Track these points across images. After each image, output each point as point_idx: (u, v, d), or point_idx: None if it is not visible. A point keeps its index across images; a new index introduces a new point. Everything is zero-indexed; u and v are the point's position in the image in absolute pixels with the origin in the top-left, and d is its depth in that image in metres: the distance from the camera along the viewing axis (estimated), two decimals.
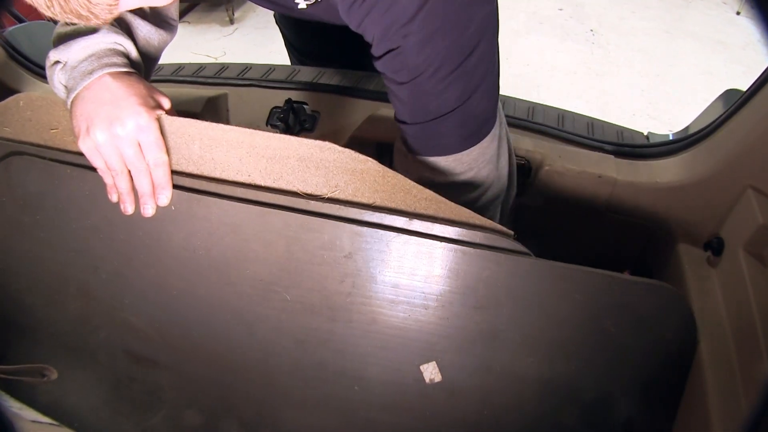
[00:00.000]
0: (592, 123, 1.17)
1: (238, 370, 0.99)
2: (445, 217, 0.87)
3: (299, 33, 1.56)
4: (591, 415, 0.90)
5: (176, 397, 1.02)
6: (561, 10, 3.92)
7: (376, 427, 0.95)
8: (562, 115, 1.19)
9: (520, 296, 0.89)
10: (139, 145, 0.87)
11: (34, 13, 1.00)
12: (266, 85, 1.32)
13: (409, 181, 0.87)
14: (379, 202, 0.88)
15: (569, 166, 1.05)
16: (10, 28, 1.46)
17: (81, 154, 0.93)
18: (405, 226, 0.87)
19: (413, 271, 0.88)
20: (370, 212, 0.87)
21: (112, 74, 0.85)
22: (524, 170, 1.06)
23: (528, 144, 1.08)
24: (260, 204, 0.91)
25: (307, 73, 1.33)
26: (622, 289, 0.88)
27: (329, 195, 0.89)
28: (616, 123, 1.18)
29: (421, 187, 0.86)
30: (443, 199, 0.87)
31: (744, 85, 0.96)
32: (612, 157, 1.08)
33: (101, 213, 1.00)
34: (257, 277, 0.95)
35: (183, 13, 4.41)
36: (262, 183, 0.92)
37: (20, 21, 1.58)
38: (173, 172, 0.93)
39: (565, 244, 1.23)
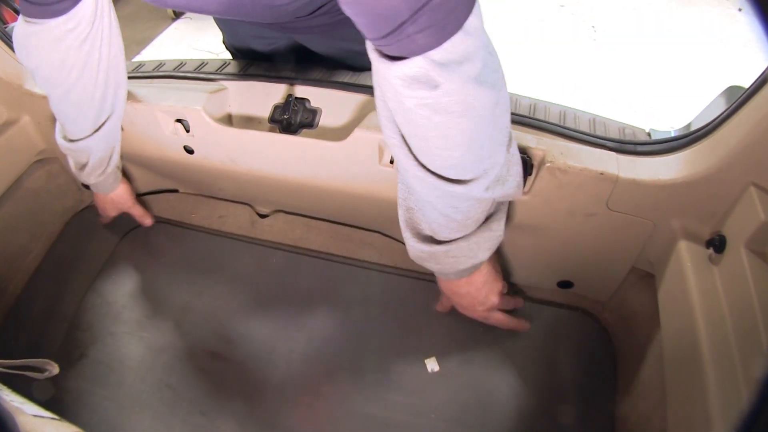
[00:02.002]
0: (594, 120, 1.16)
1: (292, 364, 1.39)
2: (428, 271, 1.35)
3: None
4: (541, 391, 1.28)
5: (237, 384, 1.37)
6: (562, 6, 3.92)
7: (390, 404, 1.31)
8: (563, 112, 1.19)
9: None
10: None
11: None
12: (268, 81, 1.32)
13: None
14: (392, 263, 1.53)
15: (571, 163, 1.05)
16: (12, 24, 1.46)
17: (211, 232, 1.67)
18: (407, 275, 1.50)
19: (419, 297, 1.43)
20: (390, 267, 1.52)
21: None
22: (525, 167, 1.05)
23: (529, 141, 1.08)
24: (332, 261, 1.56)
25: (309, 69, 1.33)
26: (550, 313, 1.39)
27: (375, 261, 1.54)
28: (618, 120, 1.18)
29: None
30: None
31: (746, 82, 0.96)
32: (614, 154, 1.08)
33: (214, 261, 1.60)
34: (315, 305, 1.48)
35: None
36: (336, 252, 1.58)
37: None
38: (281, 245, 1.61)
39: (566, 241, 1.23)
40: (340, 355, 1.39)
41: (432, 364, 1.35)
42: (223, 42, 1.56)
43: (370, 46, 0.79)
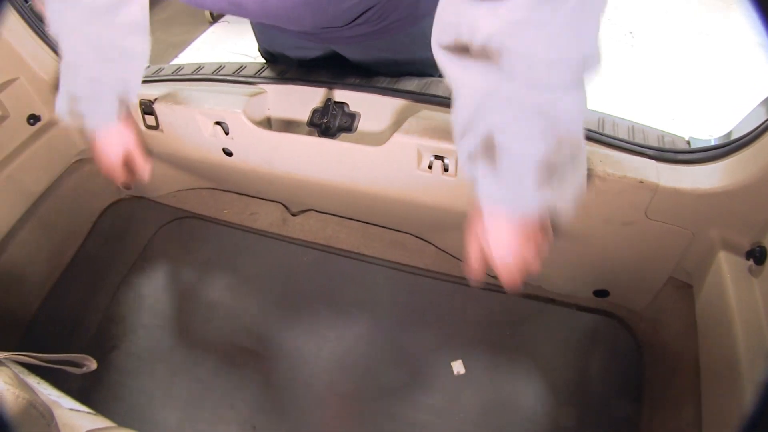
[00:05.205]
0: (632, 127, 1.15)
1: (320, 362, 1.44)
2: (459, 275, 1.51)
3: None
4: (567, 398, 1.32)
5: (265, 380, 1.41)
6: None
7: (416, 405, 1.35)
8: (602, 119, 1.18)
9: (514, 319, 1.43)
10: None
11: None
12: (306, 85, 1.33)
13: (442, 252, 1.55)
14: (423, 265, 1.57)
15: (610, 171, 1.04)
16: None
17: (243, 228, 1.69)
18: (436, 277, 1.53)
19: (446, 300, 1.50)
20: (420, 269, 1.56)
21: None
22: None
23: None
24: (363, 261, 1.59)
25: (347, 74, 1.34)
26: (583, 320, 1.39)
27: (405, 262, 1.57)
28: (657, 127, 1.17)
29: (445, 255, 1.54)
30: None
31: None
32: (653, 162, 1.07)
33: (245, 257, 1.65)
34: (345, 305, 1.53)
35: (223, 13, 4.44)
36: (366, 252, 1.61)
37: None
38: (312, 243, 1.64)
39: (603, 249, 1.22)
40: (367, 355, 1.42)
41: (458, 367, 1.39)
42: (259, 50, 1.56)
43: None
